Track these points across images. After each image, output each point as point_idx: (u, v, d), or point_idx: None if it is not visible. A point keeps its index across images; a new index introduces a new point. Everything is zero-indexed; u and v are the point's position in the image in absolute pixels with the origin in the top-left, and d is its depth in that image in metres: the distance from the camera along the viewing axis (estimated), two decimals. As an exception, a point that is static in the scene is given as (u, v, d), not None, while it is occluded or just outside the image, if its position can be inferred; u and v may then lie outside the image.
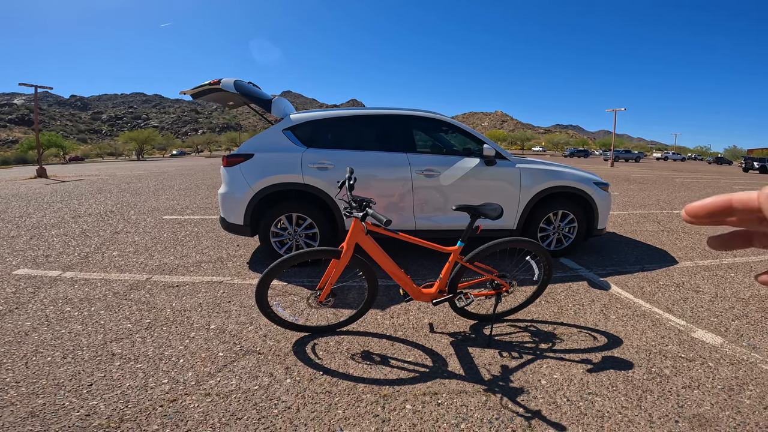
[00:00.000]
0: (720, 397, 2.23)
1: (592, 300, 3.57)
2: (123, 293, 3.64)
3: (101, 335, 2.83)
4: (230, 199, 4.34)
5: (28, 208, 8.87)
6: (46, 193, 12.10)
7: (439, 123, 4.77)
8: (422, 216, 4.48)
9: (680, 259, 4.86)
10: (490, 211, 2.70)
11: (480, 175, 4.50)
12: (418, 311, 3.29)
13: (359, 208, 2.57)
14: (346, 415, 2.05)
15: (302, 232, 4.37)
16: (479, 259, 2.79)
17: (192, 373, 2.39)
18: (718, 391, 2.28)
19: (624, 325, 3.07)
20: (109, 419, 1.97)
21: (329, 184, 4.22)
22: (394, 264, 2.73)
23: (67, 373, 2.35)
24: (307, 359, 2.56)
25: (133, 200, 10.00)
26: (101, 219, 7.38)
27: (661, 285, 3.97)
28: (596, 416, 2.06)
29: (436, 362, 2.56)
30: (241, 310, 3.29)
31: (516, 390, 2.28)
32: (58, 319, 3.08)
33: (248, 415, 2.03)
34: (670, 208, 8.86)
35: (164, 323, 3.04)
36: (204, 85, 4.32)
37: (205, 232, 6.24)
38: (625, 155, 53.67)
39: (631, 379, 2.38)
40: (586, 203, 4.77)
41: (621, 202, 9.87)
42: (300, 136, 4.41)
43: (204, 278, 4.05)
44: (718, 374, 2.44)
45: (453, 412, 2.08)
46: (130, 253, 4.98)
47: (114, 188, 13.15)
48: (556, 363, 2.56)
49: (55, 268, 4.36)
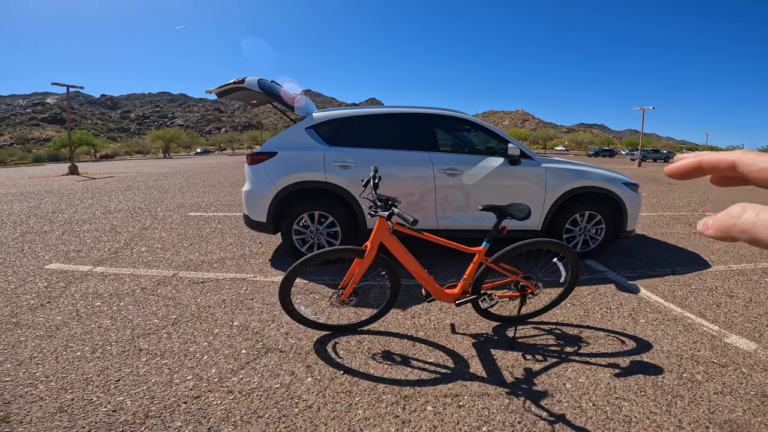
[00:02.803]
0: (753, 403, 2.15)
1: (620, 303, 3.47)
2: (150, 289, 3.72)
3: (129, 330, 2.90)
4: (254, 196, 4.39)
5: (61, 204, 9.18)
6: (78, 189, 12.50)
7: (462, 122, 4.72)
8: (444, 215, 4.44)
9: (713, 263, 4.69)
10: (517, 212, 2.65)
11: (504, 174, 4.43)
12: (439, 312, 3.26)
13: (385, 207, 2.55)
14: (367, 415, 2.04)
15: (324, 230, 4.39)
16: (504, 260, 2.74)
17: (215, 369, 2.42)
18: (750, 397, 2.19)
19: (654, 330, 2.98)
20: (135, 415, 2.01)
21: (351, 183, 4.22)
22: (417, 264, 2.71)
23: (95, 368, 2.41)
24: (328, 358, 2.56)
25: (160, 197, 10.24)
26: (130, 215, 7.59)
27: (693, 289, 3.83)
28: (623, 421, 2.00)
29: (457, 364, 2.52)
30: (264, 307, 3.33)
31: (540, 393, 2.23)
32: (88, 314, 3.17)
33: (269, 413, 2.04)
34: (702, 210, 8.57)
35: (189, 319, 3.09)
36: (229, 83, 4.37)
37: (229, 229, 6.34)
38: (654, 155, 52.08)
39: (661, 384, 2.31)
40: (614, 204, 4.65)
41: (650, 203, 9.59)
42: (322, 135, 4.42)
43: (228, 275, 4.11)
44: (752, 380, 2.35)
45: (474, 414, 2.05)
46: (157, 249, 5.09)
47: (142, 185, 13.50)
48: (582, 367, 2.49)
49: (86, 263, 4.49)
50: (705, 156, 0.39)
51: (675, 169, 0.41)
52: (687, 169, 0.40)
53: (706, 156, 0.39)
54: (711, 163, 0.38)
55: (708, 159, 0.39)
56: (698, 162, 0.39)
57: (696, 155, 0.40)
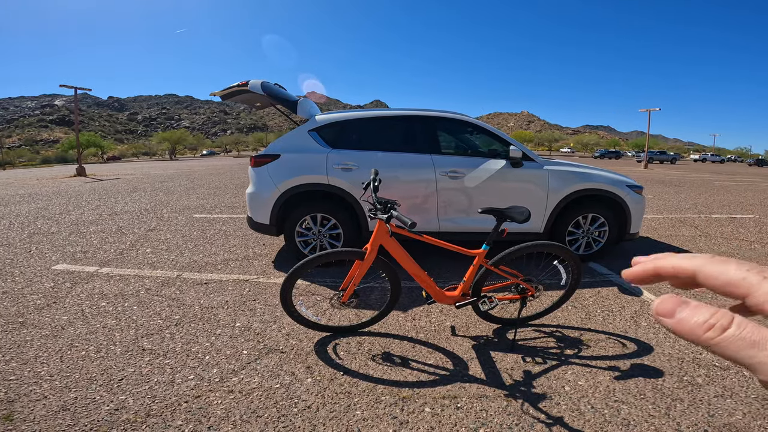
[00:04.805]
0: (753, 406, 2.14)
1: (623, 306, 3.46)
2: (155, 289, 3.76)
3: (133, 330, 2.94)
4: (257, 198, 4.43)
5: (68, 205, 9.28)
6: (85, 191, 12.63)
7: (464, 124, 4.72)
8: (446, 218, 4.45)
9: (717, 266, 4.65)
10: (516, 214, 2.65)
11: (506, 177, 4.44)
12: (440, 314, 3.27)
13: (384, 210, 2.57)
14: (365, 416, 2.05)
15: (326, 232, 4.41)
16: (505, 263, 2.75)
17: (217, 369, 2.45)
18: (751, 401, 2.19)
19: (656, 333, 2.97)
20: (137, 414, 2.04)
21: (353, 185, 4.25)
22: (417, 266, 2.72)
23: (99, 368, 2.45)
24: (329, 359, 2.58)
25: (165, 198, 10.32)
26: (136, 216, 7.66)
27: (697, 292, 3.80)
28: (621, 424, 2.00)
29: (457, 366, 2.53)
30: (266, 308, 3.35)
31: (538, 396, 2.23)
32: (93, 314, 3.21)
33: (269, 413, 2.06)
34: (709, 213, 8.50)
35: (192, 320, 3.12)
36: (233, 86, 4.41)
37: (233, 230, 6.38)
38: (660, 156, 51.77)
39: (661, 388, 2.30)
40: (617, 206, 4.63)
41: (655, 205, 9.53)
42: (325, 137, 4.45)
43: (231, 276, 4.14)
44: (753, 383, 2.34)
45: (472, 416, 2.06)
46: (162, 251, 5.14)
47: (148, 187, 13.61)
48: (582, 369, 2.49)
49: (92, 264, 4.54)
50: (662, 263, 0.36)
51: (631, 276, 0.38)
52: (643, 276, 0.37)
53: (663, 262, 0.36)
54: (669, 272, 0.35)
55: (665, 267, 0.36)
56: (655, 270, 0.36)
57: (654, 260, 0.37)
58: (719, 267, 0.32)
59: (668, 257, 0.36)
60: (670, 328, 0.32)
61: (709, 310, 0.30)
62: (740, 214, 8.42)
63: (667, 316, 0.32)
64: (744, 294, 0.30)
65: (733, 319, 0.29)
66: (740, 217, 8.05)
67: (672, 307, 0.32)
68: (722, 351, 0.29)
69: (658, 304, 0.33)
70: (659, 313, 0.32)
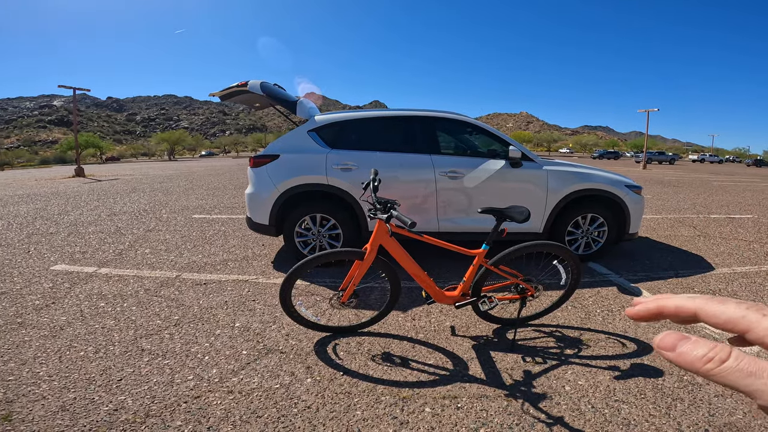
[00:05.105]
0: (753, 405, 2.14)
1: (622, 306, 3.46)
2: (154, 290, 3.75)
3: (132, 331, 2.93)
4: (256, 199, 4.42)
5: (67, 206, 9.26)
6: (84, 191, 12.61)
7: (464, 124, 4.73)
8: (445, 218, 4.45)
9: (717, 266, 4.66)
10: (516, 214, 2.65)
11: (505, 177, 4.44)
12: (440, 314, 3.27)
13: (384, 210, 2.57)
14: (365, 416, 2.05)
15: (326, 232, 4.41)
16: (505, 263, 2.75)
17: (216, 370, 2.44)
18: (751, 401, 2.18)
19: (656, 333, 2.97)
20: (136, 414, 2.03)
21: (353, 185, 4.24)
22: (417, 266, 2.72)
23: (98, 368, 2.44)
24: (328, 359, 2.58)
25: (164, 199, 10.31)
26: (135, 217, 7.64)
27: (696, 292, 3.82)
28: (622, 424, 2.00)
29: (457, 366, 2.53)
30: (265, 308, 3.35)
31: (538, 396, 2.23)
32: (92, 315, 3.21)
33: (268, 414, 2.05)
34: (707, 213, 8.52)
35: (191, 320, 3.12)
36: (232, 87, 4.41)
37: (232, 231, 6.37)
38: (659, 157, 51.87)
39: (661, 387, 2.30)
40: (617, 206, 4.64)
41: (654, 205, 9.55)
42: (324, 138, 4.45)
43: (230, 276, 4.13)
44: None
45: (472, 416, 2.06)
46: (161, 251, 5.13)
47: (147, 187, 13.59)
48: (582, 369, 2.49)
49: (91, 265, 4.53)
50: (665, 302, 0.38)
51: (635, 314, 0.40)
52: (647, 315, 0.39)
53: (666, 302, 0.38)
54: (671, 311, 0.38)
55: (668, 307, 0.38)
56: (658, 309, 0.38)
57: (656, 300, 0.39)
58: (719, 307, 0.34)
59: (671, 298, 0.38)
60: (671, 360, 0.34)
61: (707, 345, 0.33)
62: (739, 214, 8.44)
63: (668, 350, 0.34)
64: (744, 330, 0.33)
65: (731, 353, 0.31)
66: (739, 217, 8.07)
67: (673, 342, 0.34)
68: (721, 380, 0.31)
69: (660, 339, 0.35)
70: (661, 347, 0.35)
